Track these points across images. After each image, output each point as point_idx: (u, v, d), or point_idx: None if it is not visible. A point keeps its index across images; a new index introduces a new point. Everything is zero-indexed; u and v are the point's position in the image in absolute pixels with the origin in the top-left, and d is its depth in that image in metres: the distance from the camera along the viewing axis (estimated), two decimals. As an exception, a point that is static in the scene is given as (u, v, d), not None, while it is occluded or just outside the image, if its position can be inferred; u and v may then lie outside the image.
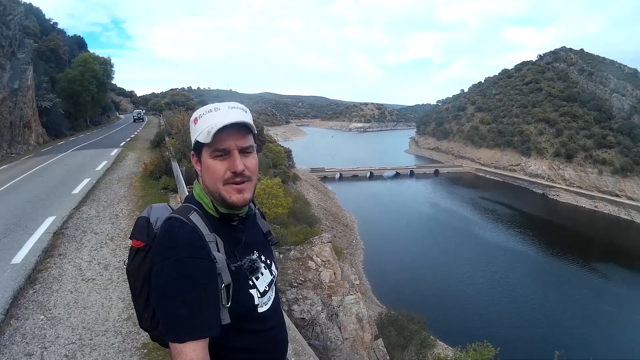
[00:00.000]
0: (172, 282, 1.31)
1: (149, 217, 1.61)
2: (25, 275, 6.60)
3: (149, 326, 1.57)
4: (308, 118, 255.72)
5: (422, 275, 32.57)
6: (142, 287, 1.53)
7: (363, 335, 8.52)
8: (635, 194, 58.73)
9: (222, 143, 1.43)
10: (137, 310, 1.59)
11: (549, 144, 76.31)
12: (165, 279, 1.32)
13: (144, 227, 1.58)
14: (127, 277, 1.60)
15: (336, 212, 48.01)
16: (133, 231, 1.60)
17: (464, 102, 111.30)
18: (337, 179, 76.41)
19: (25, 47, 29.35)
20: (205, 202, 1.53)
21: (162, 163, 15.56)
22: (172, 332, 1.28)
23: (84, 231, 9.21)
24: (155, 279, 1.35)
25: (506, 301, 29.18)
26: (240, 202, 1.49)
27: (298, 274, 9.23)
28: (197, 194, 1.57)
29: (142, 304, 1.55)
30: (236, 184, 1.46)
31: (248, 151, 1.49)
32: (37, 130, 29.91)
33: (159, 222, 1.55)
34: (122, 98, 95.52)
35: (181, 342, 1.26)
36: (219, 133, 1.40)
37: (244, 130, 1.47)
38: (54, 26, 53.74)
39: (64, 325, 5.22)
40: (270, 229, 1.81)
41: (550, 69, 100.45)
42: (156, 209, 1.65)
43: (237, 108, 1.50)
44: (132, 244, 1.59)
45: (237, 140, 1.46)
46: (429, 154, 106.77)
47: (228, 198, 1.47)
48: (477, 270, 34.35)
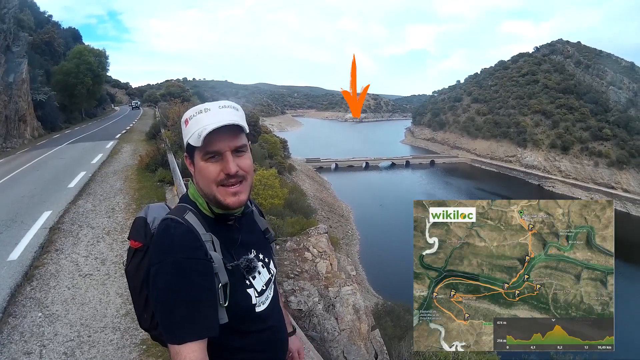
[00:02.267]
0: (169, 284, 1.31)
1: (146, 217, 1.60)
2: (22, 272, 6.57)
3: (149, 326, 1.56)
4: (304, 109, 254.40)
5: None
6: (142, 288, 1.52)
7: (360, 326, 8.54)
8: (631, 186, 59.01)
9: (213, 145, 1.41)
10: (136, 310, 1.58)
11: (545, 136, 76.44)
12: (162, 281, 1.32)
13: (142, 227, 1.57)
14: (126, 278, 1.59)
15: (332, 202, 48.06)
16: (131, 232, 1.60)
17: (460, 93, 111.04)
18: (332, 169, 76.29)
19: (20, 41, 29.15)
20: (200, 203, 1.52)
21: (158, 155, 15.44)
22: (170, 334, 1.29)
23: (81, 226, 9.18)
24: (152, 281, 1.35)
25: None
26: (235, 204, 1.47)
27: (295, 265, 9.22)
28: (192, 194, 1.55)
29: (142, 304, 1.54)
30: (231, 185, 1.45)
31: (241, 150, 1.47)
32: (33, 123, 29.81)
33: (156, 222, 1.55)
34: (117, 90, 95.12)
35: (180, 343, 1.26)
36: (210, 135, 1.38)
37: (235, 129, 1.44)
38: (49, 19, 53.39)
39: (62, 322, 5.20)
40: (269, 226, 1.80)
41: (546, 61, 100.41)
42: (153, 209, 1.64)
43: (228, 107, 1.48)
44: (130, 245, 1.58)
45: (229, 142, 1.43)
46: (424, 144, 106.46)
47: (223, 201, 1.45)
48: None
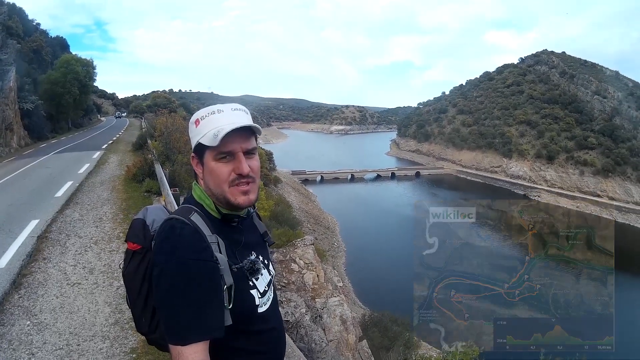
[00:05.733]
0: (175, 285, 1.31)
1: (144, 219, 1.59)
2: (10, 280, 6.53)
3: (148, 330, 1.55)
4: (289, 121, 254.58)
5: (404, 277, 32.51)
6: (140, 290, 1.51)
7: (347, 337, 8.57)
8: (616, 194, 59.57)
9: (227, 146, 1.45)
10: (134, 313, 1.57)
11: (530, 146, 76.92)
12: (168, 282, 1.32)
13: (140, 229, 1.56)
14: (123, 281, 1.58)
15: (318, 214, 48.07)
16: (129, 234, 1.58)
17: (445, 105, 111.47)
18: (318, 181, 76.17)
19: (8, 48, 29.04)
20: (207, 204, 1.53)
21: (145, 166, 15.39)
22: (174, 334, 1.30)
23: (68, 235, 9.15)
24: (156, 281, 1.35)
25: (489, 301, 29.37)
26: (246, 203, 1.51)
27: (281, 276, 9.25)
28: (198, 196, 1.55)
29: (141, 307, 1.53)
30: (241, 185, 1.48)
31: (252, 153, 1.52)
32: (19, 132, 29.59)
33: (155, 224, 1.55)
34: (103, 100, 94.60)
35: (184, 344, 1.27)
36: (226, 136, 1.41)
37: (248, 132, 1.50)
38: (37, 27, 53.09)
39: (51, 331, 5.18)
40: (267, 230, 1.81)
41: (531, 71, 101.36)
42: (152, 211, 1.64)
43: (240, 110, 1.53)
44: (127, 247, 1.57)
45: (242, 143, 1.48)
46: (410, 156, 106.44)
47: (234, 200, 1.48)
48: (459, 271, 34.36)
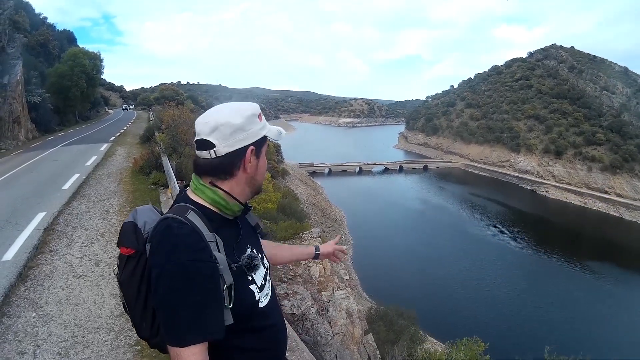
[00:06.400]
0: (174, 287, 1.27)
1: (135, 221, 1.51)
2: (17, 272, 6.56)
3: (149, 334, 1.47)
4: (297, 113, 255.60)
5: (411, 271, 32.63)
6: (138, 296, 1.44)
7: (353, 330, 8.56)
8: (624, 191, 59.09)
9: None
10: (133, 320, 1.49)
11: (538, 141, 76.60)
12: (166, 284, 1.28)
13: (132, 232, 1.48)
14: (119, 288, 1.49)
15: (325, 207, 48.00)
16: (120, 238, 1.49)
17: (454, 98, 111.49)
18: (326, 174, 76.17)
19: (14, 42, 29.10)
20: (223, 205, 1.49)
21: (152, 158, 15.42)
22: (173, 336, 1.27)
23: (75, 227, 9.17)
24: (155, 284, 1.31)
25: (495, 296, 29.31)
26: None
27: (288, 269, 9.22)
28: (211, 198, 1.49)
29: (140, 312, 1.45)
30: None
31: None
32: (27, 125, 29.65)
33: (147, 225, 1.48)
34: (111, 93, 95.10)
35: (183, 346, 1.25)
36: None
37: None
38: (44, 21, 53.30)
39: (56, 323, 5.20)
40: (259, 222, 1.79)
41: (540, 66, 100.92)
42: (142, 212, 1.55)
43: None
44: (120, 252, 1.48)
45: None
46: (418, 149, 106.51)
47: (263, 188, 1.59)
48: (466, 266, 34.45)
